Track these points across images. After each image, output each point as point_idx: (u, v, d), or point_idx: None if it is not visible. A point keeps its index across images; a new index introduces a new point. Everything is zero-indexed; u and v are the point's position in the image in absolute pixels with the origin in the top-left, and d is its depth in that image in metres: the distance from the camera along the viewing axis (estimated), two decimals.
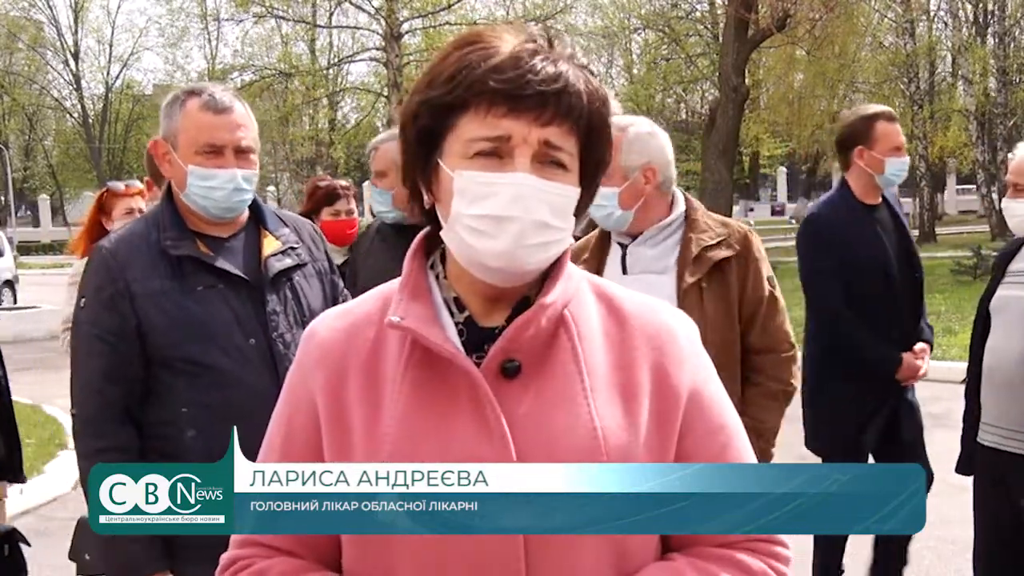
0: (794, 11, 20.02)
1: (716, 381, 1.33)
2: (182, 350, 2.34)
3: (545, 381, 1.24)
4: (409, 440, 1.23)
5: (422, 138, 1.26)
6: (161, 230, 2.40)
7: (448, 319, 1.29)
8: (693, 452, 1.27)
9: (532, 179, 1.21)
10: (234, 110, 2.39)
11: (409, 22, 26.13)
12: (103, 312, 2.35)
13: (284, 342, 2.40)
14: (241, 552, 1.36)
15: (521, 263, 1.23)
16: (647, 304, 1.33)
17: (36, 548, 5.62)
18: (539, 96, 1.19)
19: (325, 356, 1.33)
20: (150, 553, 2.32)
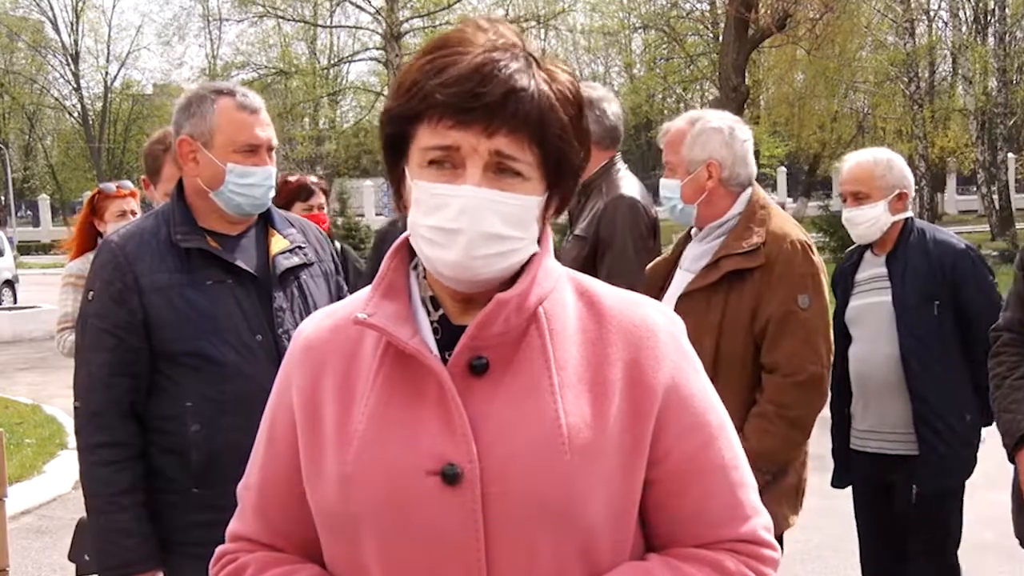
0: (794, 11, 20.03)
1: (701, 381, 1.31)
2: (190, 344, 2.33)
3: (513, 378, 1.24)
4: (377, 437, 1.24)
5: (388, 146, 1.28)
6: (172, 225, 2.42)
7: (424, 317, 1.29)
8: (669, 450, 1.26)
9: (480, 191, 1.20)
10: (262, 110, 2.47)
11: (409, 22, 26.14)
12: (112, 306, 2.35)
13: (290, 339, 2.40)
14: (229, 547, 1.41)
15: (474, 273, 1.23)
16: (630, 301, 1.32)
17: (36, 548, 5.63)
18: (486, 108, 1.18)
19: (306, 355, 1.35)
20: (144, 551, 2.33)
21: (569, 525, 1.20)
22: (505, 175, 1.21)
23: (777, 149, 39.79)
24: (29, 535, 5.84)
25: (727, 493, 1.28)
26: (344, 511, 1.25)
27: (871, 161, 3.50)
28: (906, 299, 3.40)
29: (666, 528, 1.29)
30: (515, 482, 1.19)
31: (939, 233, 3.54)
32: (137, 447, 2.34)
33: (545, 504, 1.19)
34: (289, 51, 33.43)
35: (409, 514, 1.21)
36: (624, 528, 1.25)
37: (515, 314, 1.24)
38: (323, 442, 1.29)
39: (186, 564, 2.36)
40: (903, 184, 3.49)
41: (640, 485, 1.26)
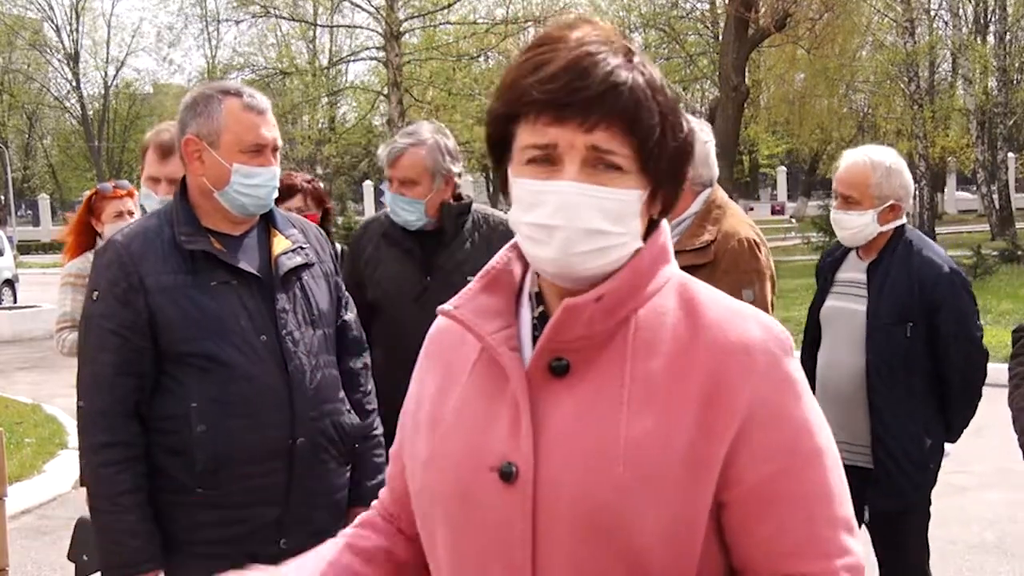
0: (794, 10, 20.04)
1: (800, 405, 1.23)
2: (196, 345, 2.33)
3: (587, 384, 1.23)
4: (457, 427, 1.28)
5: (492, 147, 1.30)
6: (175, 225, 2.41)
7: (527, 313, 1.31)
8: (745, 472, 1.20)
9: (577, 186, 1.20)
10: (269, 110, 2.47)
11: (409, 21, 26.10)
12: (117, 306, 2.35)
13: (293, 340, 2.41)
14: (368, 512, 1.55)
15: (574, 270, 1.23)
16: (735, 314, 1.27)
17: (36, 548, 5.63)
18: (583, 103, 1.18)
19: (429, 343, 1.43)
20: (147, 551, 2.32)
21: (617, 538, 1.18)
22: (603, 169, 1.21)
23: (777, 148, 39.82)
24: (29, 535, 5.84)
25: (807, 525, 1.21)
26: (424, 493, 1.31)
27: (868, 165, 3.32)
28: (880, 315, 3.29)
29: (741, 554, 1.24)
30: (566, 489, 1.19)
31: (927, 250, 3.35)
32: (141, 447, 2.34)
33: (593, 514, 1.18)
34: (289, 51, 33.46)
35: (470, 506, 1.24)
36: (684, 547, 1.20)
37: (600, 319, 1.23)
38: (419, 426, 1.35)
39: (192, 564, 2.36)
40: (898, 195, 3.31)
41: (707, 504, 1.20)
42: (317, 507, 2.46)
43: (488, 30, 26.22)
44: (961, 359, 3.31)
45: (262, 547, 2.38)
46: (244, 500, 2.35)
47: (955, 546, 5.25)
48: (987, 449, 7.02)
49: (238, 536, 2.36)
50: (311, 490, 2.42)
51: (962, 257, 17.63)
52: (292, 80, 31.18)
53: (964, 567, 5.01)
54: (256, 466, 2.34)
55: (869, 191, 3.30)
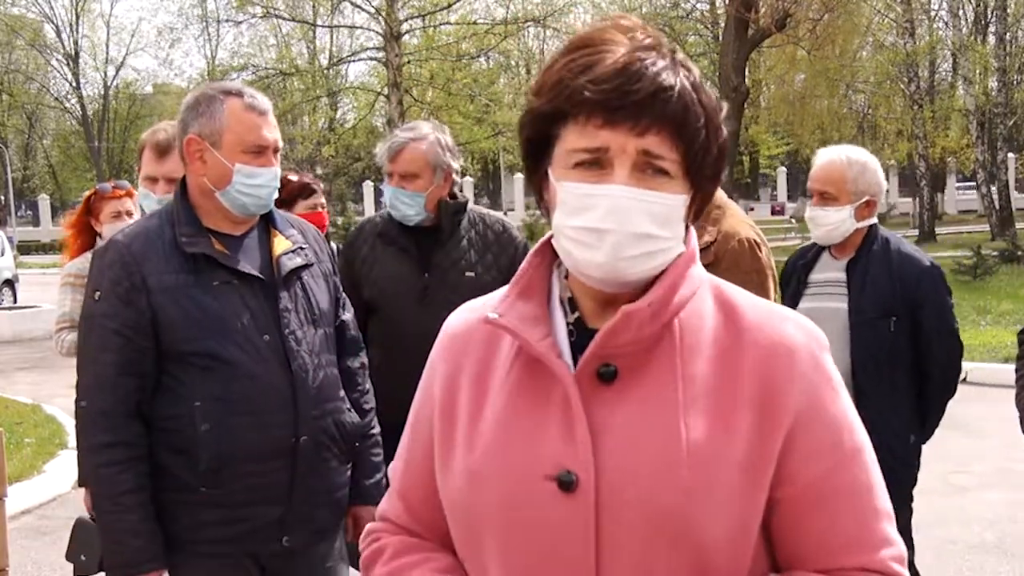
0: (794, 11, 20.03)
1: (839, 402, 1.26)
2: (199, 344, 2.33)
3: (640, 389, 1.22)
4: (503, 437, 1.25)
5: (531, 147, 1.28)
6: (176, 226, 2.42)
7: (561, 319, 1.29)
8: (797, 470, 1.22)
9: (629, 190, 1.19)
10: (270, 111, 2.48)
11: (408, 22, 26.09)
12: (120, 306, 2.35)
13: (296, 339, 2.42)
14: (375, 525, 1.46)
15: (622, 274, 1.22)
16: (772, 315, 1.28)
17: (36, 548, 5.63)
18: (635, 106, 1.18)
19: (449, 348, 1.38)
20: (149, 551, 2.33)
21: (684, 542, 1.18)
22: (652, 174, 1.20)
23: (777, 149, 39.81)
24: (29, 535, 5.84)
25: (856, 519, 1.24)
26: (467, 507, 1.27)
27: (844, 162, 3.36)
28: (863, 310, 3.31)
29: (791, 549, 1.26)
30: (631, 494, 1.18)
31: (904, 246, 3.43)
32: (143, 447, 2.34)
33: (660, 519, 1.18)
34: (288, 51, 33.46)
35: (525, 517, 1.21)
36: (742, 547, 1.22)
37: (648, 323, 1.23)
38: (455, 437, 1.31)
39: (196, 563, 2.37)
40: (873, 191, 3.37)
41: (762, 505, 1.22)
42: (319, 505, 2.46)
43: (488, 30, 26.21)
44: (944, 353, 3.37)
45: (264, 545, 2.39)
46: (247, 499, 2.35)
47: (955, 546, 5.24)
48: (987, 449, 7.02)
49: (240, 535, 2.36)
50: (313, 488, 2.42)
51: (962, 257, 17.65)
52: (292, 81, 31.19)
53: (964, 567, 5.00)
54: (259, 465, 2.35)
55: (846, 187, 3.34)
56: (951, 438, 7.76)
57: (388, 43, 24.89)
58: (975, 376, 9.55)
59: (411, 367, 3.25)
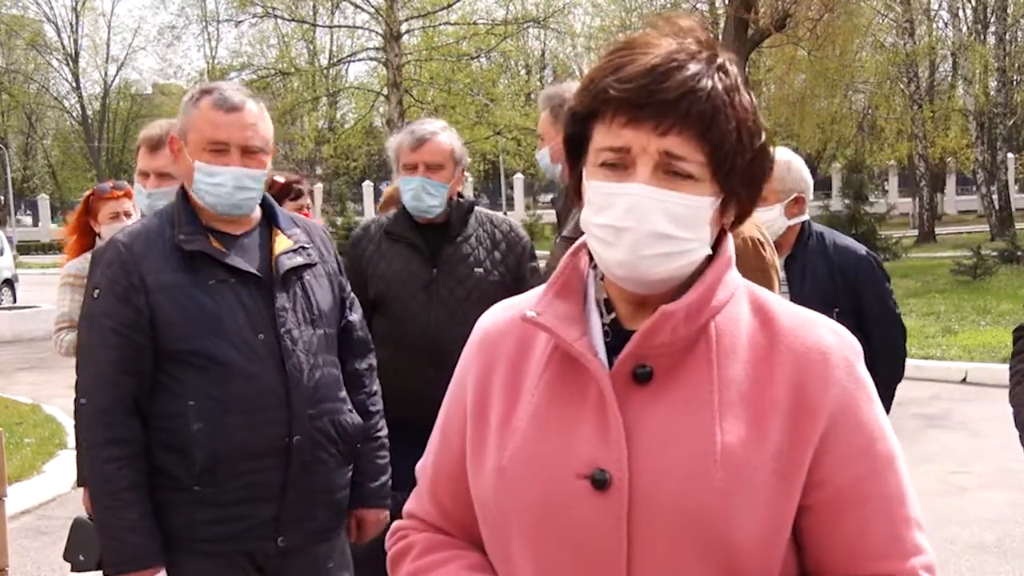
0: (794, 11, 20.03)
1: (872, 408, 1.27)
2: (194, 343, 2.34)
3: (675, 391, 1.23)
4: (536, 435, 1.26)
5: (570, 146, 1.30)
6: (176, 225, 2.43)
7: (596, 320, 1.30)
8: (829, 476, 1.22)
9: (648, 189, 1.20)
10: (244, 109, 2.42)
11: (408, 22, 26.10)
12: (118, 304, 2.36)
13: (292, 338, 2.41)
14: (403, 523, 1.46)
15: (643, 273, 1.23)
16: (807, 320, 1.29)
17: (36, 548, 5.63)
18: (658, 106, 1.19)
19: (483, 347, 1.38)
20: (147, 547, 2.33)
21: (715, 543, 1.19)
22: (675, 176, 1.21)
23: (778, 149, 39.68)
24: (28, 535, 5.84)
25: (886, 526, 1.24)
26: (498, 505, 1.28)
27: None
28: (805, 303, 3.33)
29: (820, 555, 1.26)
30: (664, 495, 1.19)
31: (839, 238, 3.50)
32: (141, 444, 2.35)
33: (692, 520, 1.18)
34: (288, 51, 33.43)
35: (557, 515, 1.22)
36: (773, 551, 1.22)
37: (684, 325, 1.23)
38: (487, 435, 1.31)
39: (191, 561, 2.38)
40: (800, 187, 3.42)
41: (794, 509, 1.23)
42: (315, 505, 2.46)
43: (488, 31, 26.24)
44: (887, 338, 3.43)
45: (260, 544, 2.39)
46: (241, 497, 2.35)
47: (955, 546, 5.24)
48: (987, 449, 7.02)
49: (235, 534, 2.37)
50: (308, 488, 2.42)
51: (962, 258, 17.64)
52: (292, 80, 31.19)
53: (964, 567, 5.01)
54: (253, 463, 2.35)
55: (773, 185, 3.39)
56: (951, 438, 7.78)
57: (388, 43, 24.91)
58: (975, 376, 9.57)
59: (417, 360, 3.27)
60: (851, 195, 20.12)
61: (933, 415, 8.21)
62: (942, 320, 12.68)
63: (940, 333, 11.63)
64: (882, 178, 40.64)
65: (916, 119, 28.88)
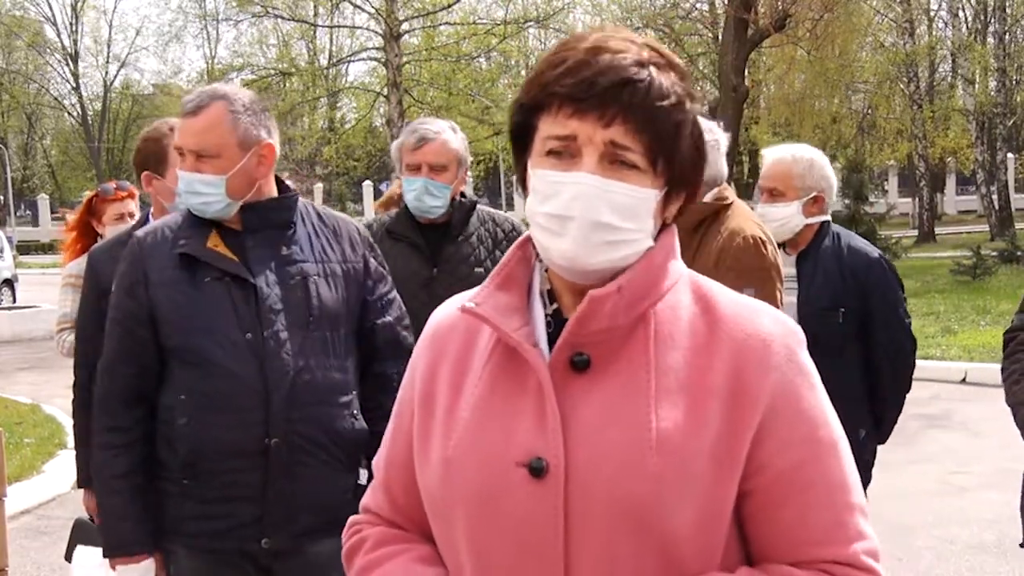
0: (794, 11, 20.03)
1: (813, 395, 1.27)
2: (182, 339, 2.38)
3: (612, 378, 1.24)
4: (477, 425, 1.27)
5: (515, 137, 1.32)
6: (183, 224, 2.47)
7: (540, 311, 1.32)
8: (768, 462, 1.23)
9: (594, 178, 1.22)
10: (199, 113, 2.41)
11: (408, 22, 26.08)
12: (124, 298, 2.44)
13: (277, 340, 2.39)
14: (358, 518, 1.48)
15: (584, 262, 1.24)
16: (749, 309, 1.30)
17: (36, 548, 5.63)
18: (601, 97, 1.21)
19: (431, 340, 1.40)
20: (135, 535, 2.39)
21: (651, 529, 1.20)
22: (619, 166, 1.23)
23: None
24: (28, 535, 5.84)
25: (828, 512, 1.24)
26: (442, 495, 1.29)
27: (790, 159, 3.43)
28: (812, 301, 3.33)
29: (762, 542, 1.27)
30: (599, 481, 1.20)
31: (855, 240, 3.49)
32: (139, 434, 2.40)
33: (627, 507, 1.19)
34: (288, 51, 33.44)
35: (497, 503, 1.23)
36: (712, 537, 1.23)
37: (623, 313, 1.25)
38: (432, 427, 1.33)
39: (181, 554, 2.42)
40: (821, 187, 3.41)
41: (732, 495, 1.23)
42: (299, 509, 2.42)
43: (488, 31, 26.23)
44: (892, 344, 3.40)
45: (245, 544, 2.41)
46: (221, 495, 2.37)
47: (954, 546, 5.25)
48: (987, 449, 7.03)
49: (219, 531, 2.39)
50: (288, 491, 2.39)
51: (961, 258, 17.64)
52: (292, 80, 31.17)
53: (964, 567, 5.01)
54: (233, 462, 2.36)
55: (792, 182, 3.40)
56: (951, 438, 7.78)
57: (388, 43, 24.89)
58: (975, 376, 9.57)
59: None
60: (851, 195, 20.11)
61: (933, 415, 8.21)
62: (942, 320, 12.69)
63: (940, 333, 11.64)
64: (882, 178, 40.62)
65: (916, 119, 28.89)
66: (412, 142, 3.33)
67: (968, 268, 16.79)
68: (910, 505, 5.90)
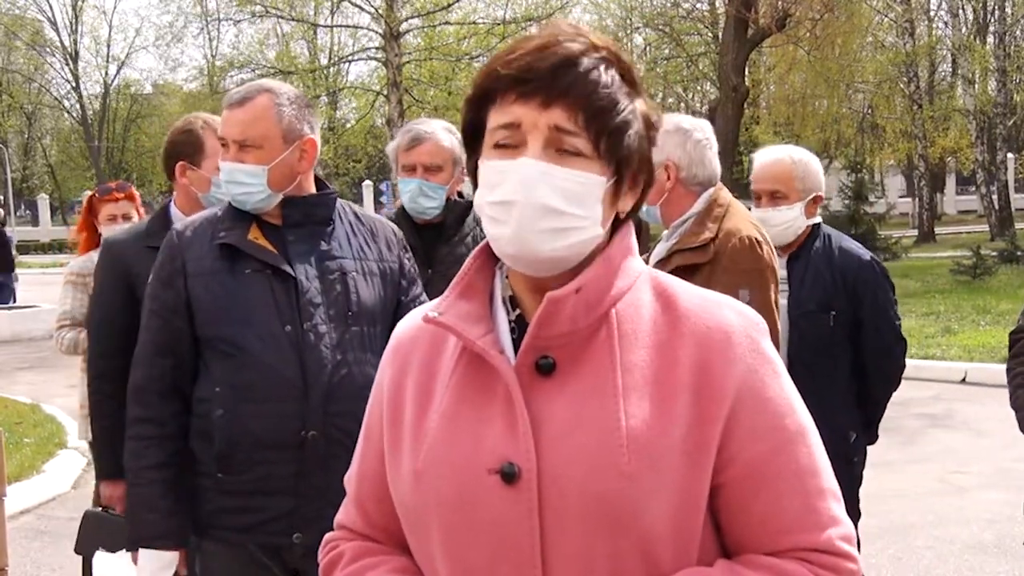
0: (794, 11, 20.03)
1: (779, 384, 1.28)
2: (221, 330, 2.38)
3: (578, 379, 1.24)
4: (447, 435, 1.27)
5: (467, 135, 1.32)
6: (224, 217, 2.49)
7: (503, 317, 1.31)
8: (738, 453, 1.23)
9: (537, 163, 1.22)
10: (244, 104, 2.45)
11: (408, 21, 26.09)
12: (160, 289, 2.45)
13: (317, 333, 2.40)
14: (333, 534, 1.48)
15: (532, 250, 1.24)
16: (709, 301, 1.30)
17: (36, 548, 5.63)
18: (541, 80, 1.22)
19: (396, 352, 1.40)
20: (164, 527, 2.39)
21: (627, 528, 1.20)
22: (564, 154, 1.23)
23: None
24: (28, 534, 5.84)
25: (801, 499, 1.25)
26: (416, 506, 1.29)
27: (790, 161, 3.40)
28: (803, 303, 3.33)
29: (737, 534, 1.27)
30: (572, 483, 1.20)
31: (846, 241, 3.48)
32: (174, 426, 2.41)
33: (601, 505, 1.19)
34: (288, 51, 33.42)
35: (471, 511, 1.23)
36: (687, 532, 1.23)
37: (583, 315, 1.25)
38: (401, 438, 1.32)
39: (214, 549, 2.43)
40: (818, 187, 3.41)
41: (706, 489, 1.23)
42: (331, 504, 2.42)
43: (488, 30, 26.23)
44: (881, 346, 3.40)
45: (276, 539, 2.41)
46: (256, 488, 2.37)
47: (954, 546, 5.25)
48: (987, 449, 7.03)
49: (252, 525, 2.39)
50: (322, 486, 2.39)
51: (961, 258, 17.64)
52: (292, 80, 31.16)
53: (963, 567, 5.01)
54: (268, 454, 2.36)
55: (794, 184, 3.38)
56: (951, 438, 7.78)
57: (388, 43, 24.89)
58: (975, 376, 9.58)
59: None
60: (851, 195, 20.13)
61: (933, 415, 8.22)
62: (942, 320, 12.68)
63: (940, 333, 11.64)
64: (882, 178, 40.64)
65: (916, 119, 28.89)
66: (406, 143, 3.34)
67: (968, 268, 16.78)
68: (910, 505, 5.91)
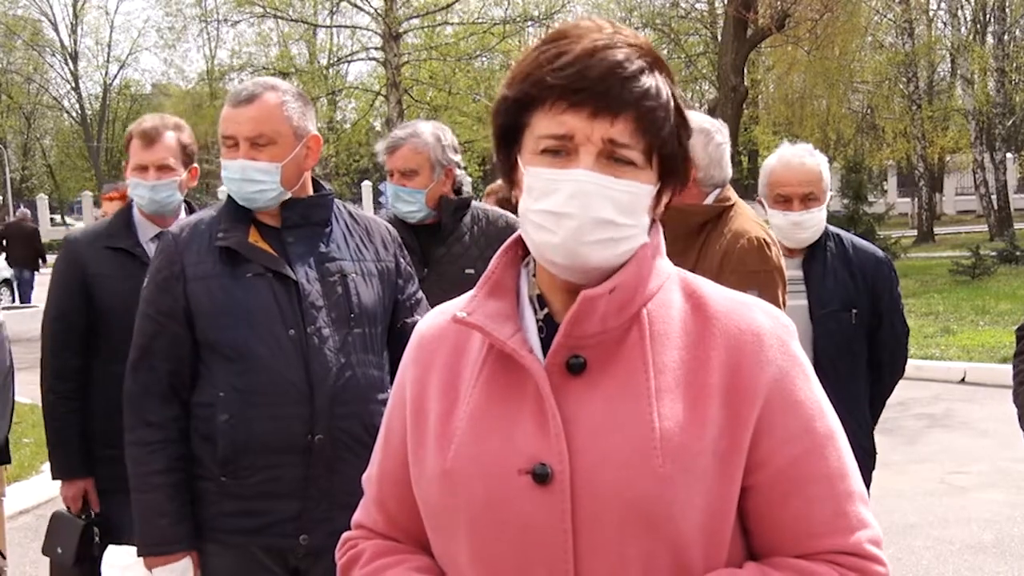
0: (793, 11, 20.03)
1: (809, 386, 1.27)
2: (223, 334, 2.37)
3: (610, 380, 1.23)
4: (476, 435, 1.26)
5: (502, 135, 1.30)
6: (220, 219, 2.46)
7: (531, 316, 1.31)
8: (769, 456, 1.23)
9: (592, 176, 1.21)
10: (253, 101, 2.42)
11: (408, 21, 26.07)
12: (157, 292, 2.42)
13: (320, 336, 2.40)
14: (351, 534, 1.47)
15: (582, 259, 1.23)
16: (739, 303, 1.30)
17: (34, 548, 5.62)
18: (597, 93, 1.20)
19: (419, 351, 1.38)
20: (175, 531, 2.37)
21: (659, 529, 1.19)
22: (617, 163, 1.22)
23: None
24: (27, 534, 5.83)
25: (831, 503, 1.24)
26: (443, 507, 1.28)
27: (816, 161, 3.37)
28: (824, 303, 3.34)
29: (767, 536, 1.26)
30: (605, 484, 1.19)
31: (856, 240, 3.51)
32: (176, 430, 2.39)
33: (635, 507, 1.18)
34: (288, 51, 33.41)
35: (502, 512, 1.22)
36: (718, 534, 1.23)
37: (615, 315, 1.24)
38: (426, 439, 1.31)
39: (216, 552, 2.41)
40: (830, 187, 3.44)
41: (736, 491, 1.23)
42: (338, 507, 2.40)
43: (488, 30, 26.21)
44: (895, 338, 3.47)
45: (282, 541, 2.40)
46: (262, 491, 2.37)
47: (953, 546, 5.25)
48: (986, 449, 7.03)
49: (258, 528, 2.38)
50: (330, 489, 2.39)
51: (960, 258, 17.64)
52: (292, 80, 31.15)
53: (963, 567, 5.01)
54: (274, 458, 2.36)
55: (823, 185, 3.38)
56: (951, 438, 7.78)
57: (387, 43, 24.88)
58: (974, 376, 9.57)
59: None
60: (851, 195, 20.11)
61: (932, 415, 8.21)
62: (941, 320, 12.68)
63: (939, 333, 11.63)
64: (881, 178, 40.63)
65: (915, 119, 28.88)
66: (384, 148, 3.39)
67: (967, 268, 16.78)
68: (910, 505, 5.91)
